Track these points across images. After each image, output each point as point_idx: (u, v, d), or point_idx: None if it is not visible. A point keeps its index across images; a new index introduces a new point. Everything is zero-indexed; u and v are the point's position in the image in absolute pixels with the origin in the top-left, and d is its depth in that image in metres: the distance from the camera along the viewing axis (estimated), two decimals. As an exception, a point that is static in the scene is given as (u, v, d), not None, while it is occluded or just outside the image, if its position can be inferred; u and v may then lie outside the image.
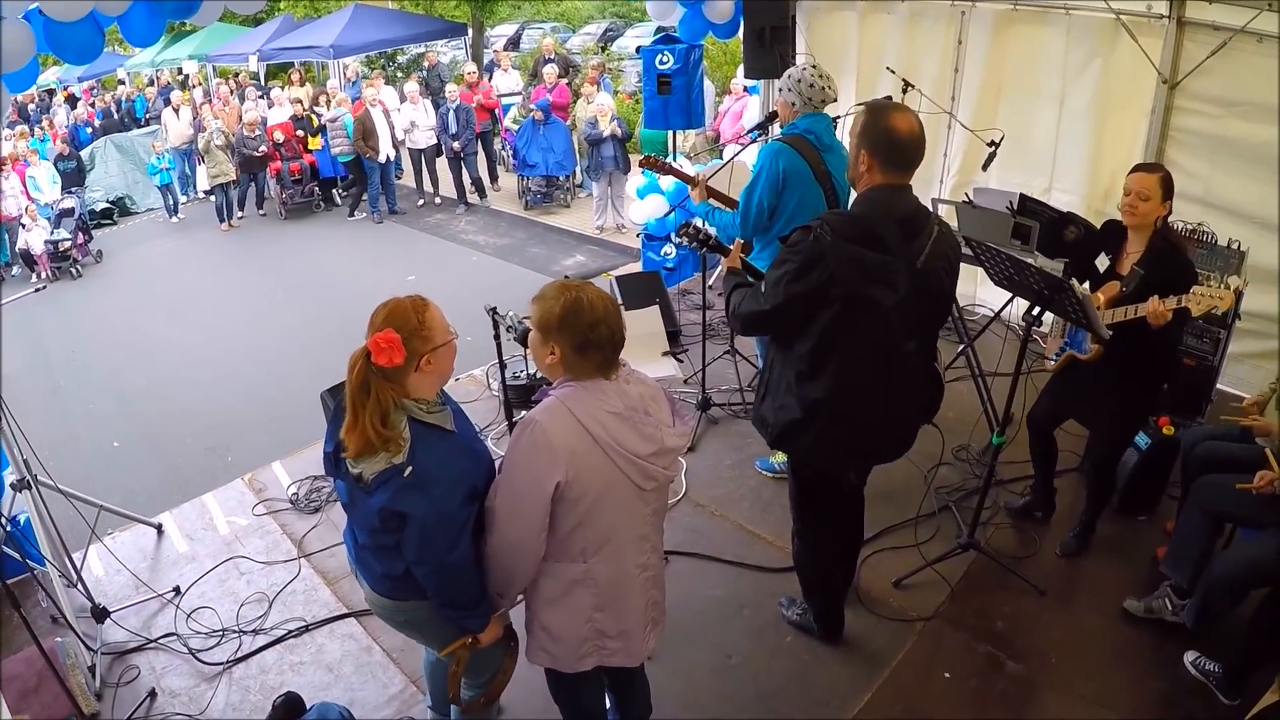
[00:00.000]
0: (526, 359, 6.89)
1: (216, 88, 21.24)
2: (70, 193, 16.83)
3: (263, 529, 6.29)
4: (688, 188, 6.10)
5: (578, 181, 16.71)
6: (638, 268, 10.81)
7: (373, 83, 18.64)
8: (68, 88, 26.38)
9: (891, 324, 3.67)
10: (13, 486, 5.19)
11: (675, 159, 10.66)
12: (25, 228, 15.18)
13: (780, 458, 6.09)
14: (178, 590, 5.67)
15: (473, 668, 3.52)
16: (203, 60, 23.72)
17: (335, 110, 17.01)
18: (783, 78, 5.44)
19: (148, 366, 11.23)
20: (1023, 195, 6.54)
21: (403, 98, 17.21)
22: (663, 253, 10.51)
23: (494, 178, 17.91)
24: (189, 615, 5.43)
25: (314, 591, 5.61)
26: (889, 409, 3.95)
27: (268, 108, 18.35)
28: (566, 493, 3.00)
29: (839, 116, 5.49)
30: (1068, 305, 4.45)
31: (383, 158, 16.33)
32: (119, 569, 5.85)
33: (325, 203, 18.14)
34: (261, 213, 18.04)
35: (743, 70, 9.87)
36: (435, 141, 16.71)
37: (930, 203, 7.30)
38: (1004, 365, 6.56)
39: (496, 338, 5.26)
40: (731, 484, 6.39)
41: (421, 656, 4.30)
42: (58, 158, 17.71)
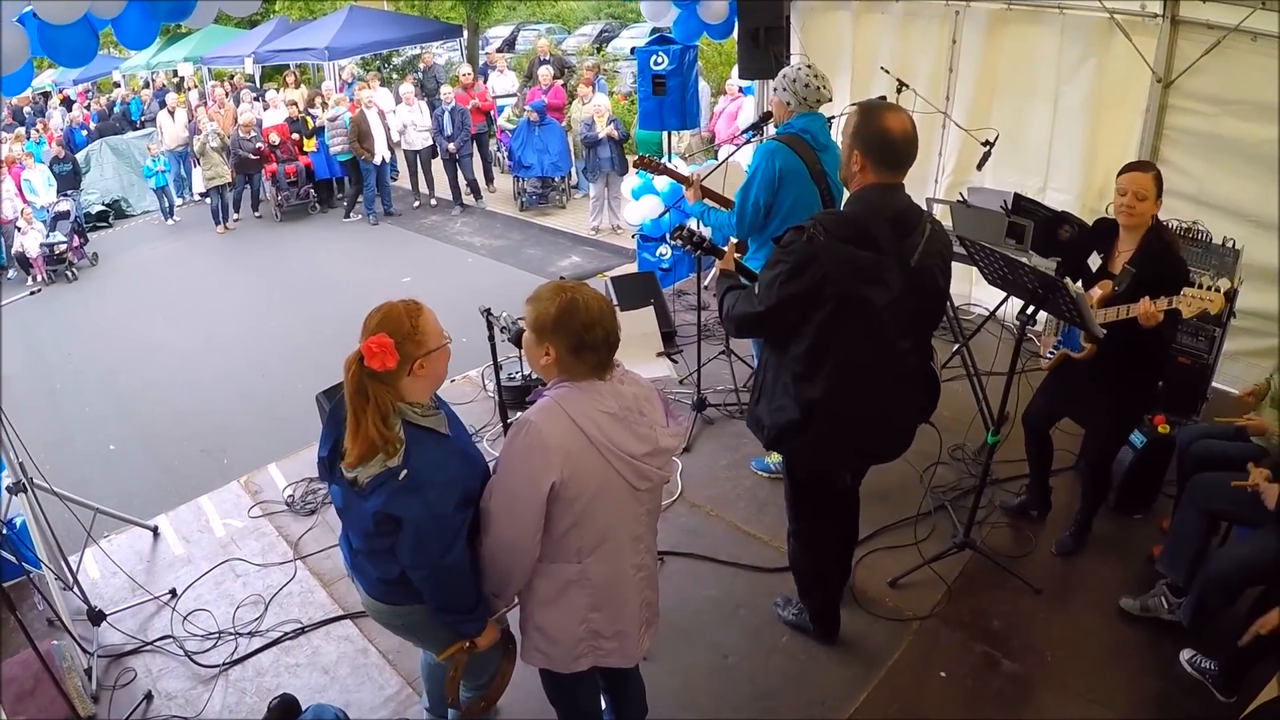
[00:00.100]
0: (521, 360, 6.89)
1: (212, 90, 21.22)
2: (66, 195, 16.80)
3: (259, 531, 6.28)
4: (682, 188, 6.10)
5: (573, 183, 16.71)
6: (633, 269, 10.79)
7: (368, 84, 18.63)
8: (63, 90, 26.32)
9: (886, 323, 3.67)
10: (8, 489, 5.18)
11: (670, 159, 10.66)
12: (21, 231, 15.13)
13: (776, 458, 6.09)
14: (174, 593, 5.66)
15: (470, 670, 3.52)
16: (198, 62, 23.68)
17: (335, 109, 17.00)
18: (778, 77, 5.43)
19: (143, 369, 11.21)
20: (1017, 194, 6.56)
21: (398, 99, 17.19)
22: (658, 253, 10.50)
23: (489, 179, 17.87)
24: (185, 618, 5.42)
25: (310, 593, 5.61)
26: (886, 409, 3.95)
27: (263, 110, 18.31)
28: (562, 493, 3.00)
29: (834, 116, 5.50)
30: (1062, 304, 4.45)
31: (378, 159, 16.32)
32: (115, 572, 5.85)
33: (321, 204, 18.11)
34: (257, 215, 18.02)
35: (737, 71, 9.86)
36: (430, 143, 16.66)
37: (925, 202, 7.31)
38: (999, 364, 6.57)
39: (491, 339, 5.26)
40: (727, 484, 6.39)
41: (418, 658, 4.30)
42: (53, 160, 17.66)
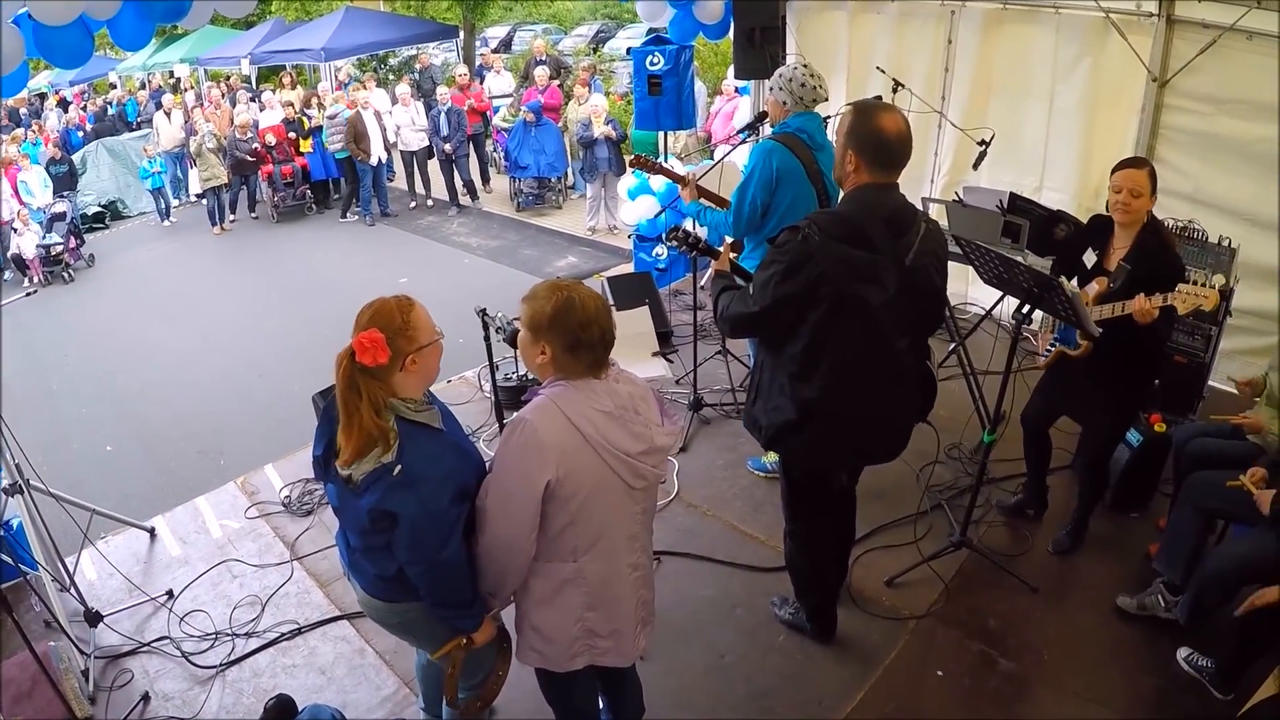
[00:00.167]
0: (517, 361, 6.89)
1: (208, 91, 21.21)
2: (62, 197, 16.74)
3: (255, 532, 6.28)
4: (678, 188, 6.10)
5: (569, 183, 16.71)
6: (630, 269, 10.80)
7: (363, 85, 18.63)
8: (59, 91, 26.30)
9: (881, 322, 3.68)
10: (4, 491, 5.17)
11: (666, 160, 10.65)
12: (17, 232, 15.11)
13: (772, 457, 6.09)
14: (170, 594, 5.66)
15: (465, 670, 3.51)
16: (194, 63, 23.68)
17: (334, 106, 17.01)
18: (774, 77, 5.45)
19: (140, 370, 11.19)
20: (1013, 194, 6.57)
21: (394, 100, 17.18)
22: (654, 254, 10.50)
23: (485, 180, 17.87)
24: (182, 618, 5.42)
25: (306, 594, 5.61)
26: (882, 408, 3.96)
27: (259, 111, 18.31)
28: (557, 491, 3.00)
29: (829, 116, 5.50)
30: (1057, 303, 4.45)
31: (374, 160, 16.29)
32: (112, 573, 5.85)
33: (317, 205, 18.08)
34: (253, 216, 18.00)
35: (733, 71, 9.86)
36: (427, 144, 16.68)
37: (920, 202, 7.32)
38: (995, 364, 6.57)
39: (486, 339, 5.26)
40: (724, 484, 6.39)
41: (414, 659, 4.30)
42: (49, 162, 17.63)
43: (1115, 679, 4.60)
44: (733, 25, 8.63)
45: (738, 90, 13.43)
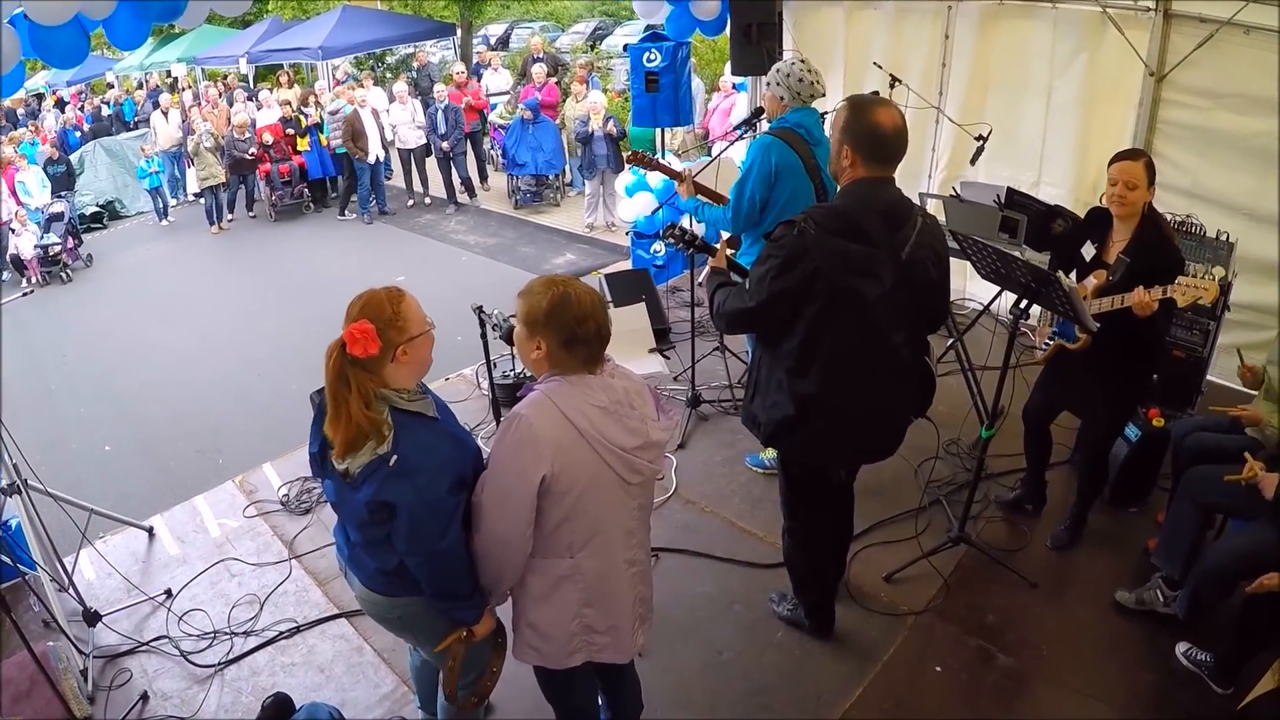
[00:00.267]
0: (515, 358, 6.88)
1: (205, 90, 21.20)
2: (60, 197, 16.74)
3: (254, 531, 6.28)
4: (676, 185, 6.09)
5: (567, 180, 16.70)
6: (628, 266, 10.79)
7: (361, 83, 18.62)
8: (56, 92, 26.30)
9: (878, 317, 3.68)
10: (3, 491, 5.17)
11: (664, 156, 10.65)
12: (15, 232, 15.11)
13: (770, 454, 6.09)
14: (169, 593, 5.65)
15: (462, 664, 3.51)
16: (191, 63, 23.68)
17: (336, 102, 17.04)
18: (771, 72, 5.44)
19: (138, 370, 11.19)
20: (1010, 189, 6.56)
21: (391, 98, 17.17)
22: (652, 250, 10.49)
23: (483, 177, 17.86)
24: (180, 618, 5.42)
25: (305, 592, 5.60)
26: (880, 403, 3.96)
27: (256, 110, 18.30)
28: (552, 486, 3.00)
29: (826, 112, 5.50)
30: (1055, 298, 4.45)
31: (372, 158, 16.28)
32: (110, 572, 5.84)
33: (315, 204, 18.08)
34: (251, 215, 17.99)
35: (730, 67, 9.85)
36: (424, 142, 16.67)
37: (918, 197, 7.32)
38: (993, 359, 6.53)
39: (483, 337, 5.25)
40: (722, 480, 6.39)
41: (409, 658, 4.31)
42: (47, 162, 17.62)
43: (1114, 674, 4.60)
44: (729, 21, 8.63)
45: (735, 87, 13.43)
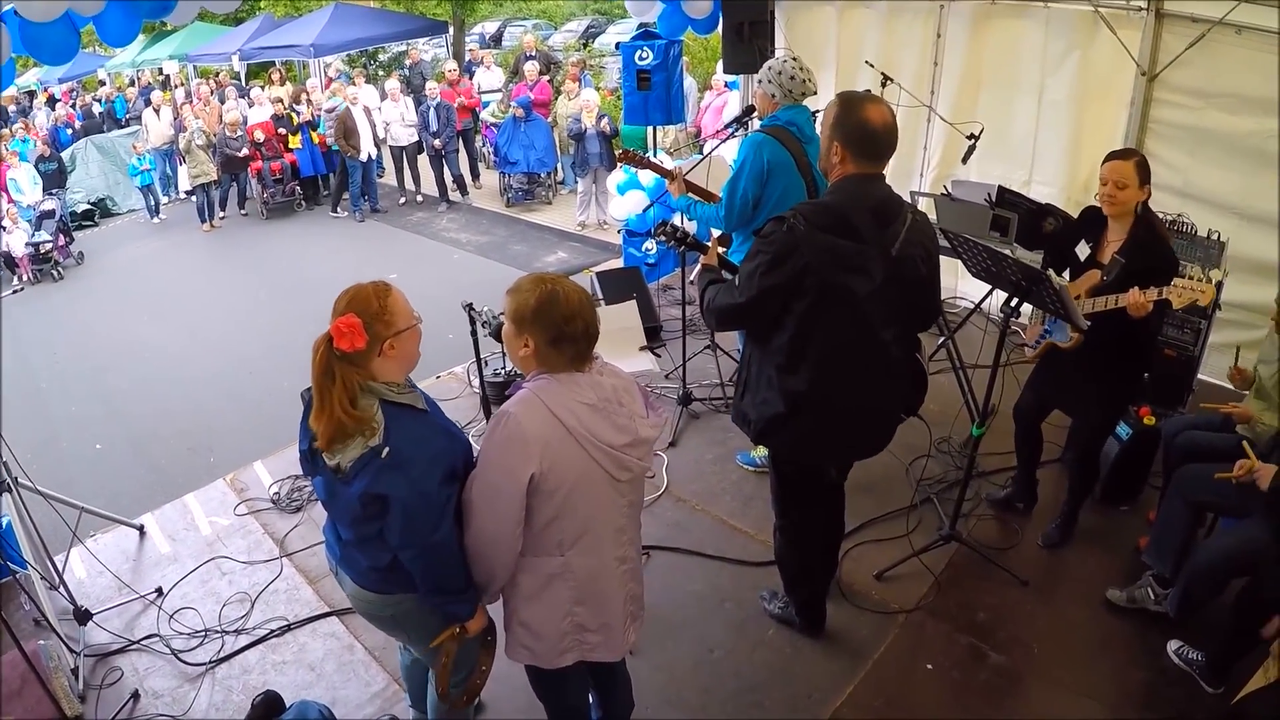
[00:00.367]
0: (505, 356, 6.87)
1: (197, 88, 21.16)
2: (51, 194, 16.74)
3: (244, 529, 6.26)
4: (666, 183, 6.09)
5: (559, 178, 16.70)
6: (619, 264, 10.79)
7: (354, 81, 18.60)
8: (48, 89, 26.24)
9: (868, 313, 3.68)
10: (-7, 489, 5.18)
11: (656, 154, 10.65)
12: (6, 230, 15.06)
13: (761, 452, 6.08)
14: (160, 591, 5.64)
15: (455, 662, 3.51)
16: (183, 60, 23.61)
17: (333, 99, 17.05)
18: (762, 70, 5.44)
19: (130, 368, 11.18)
20: (1001, 187, 6.55)
21: (383, 96, 17.16)
22: (644, 249, 10.50)
23: (475, 175, 17.88)
24: (171, 616, 5.41)
25: (296, 591, 5.59)
26: (870, 400, 3.95)
27: (248, 107, 18.27)
28: (541, 484, 3.00)
29: (817, 111, 5.50)
30: (1045, 296, 4.45)
31: (364, 156, 16.27)
32: (101, 571, 5.83)
33: (306, 201, 18.09)
34: (243, 212, 17.97)
35: (722, 66, 9.85)
36: (416, 139, 16.66)
37: (909, 196, 7.33)
38: (984, 357, 6.55)
39: (473, 334, 5.24)
40: (713, 478, 6.39)
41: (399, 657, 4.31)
42: (38, 159, 17.60)
43: (1105, 672, 4.60)
44: (721, 20, 8.63)
45: (727, 85, 13.44)
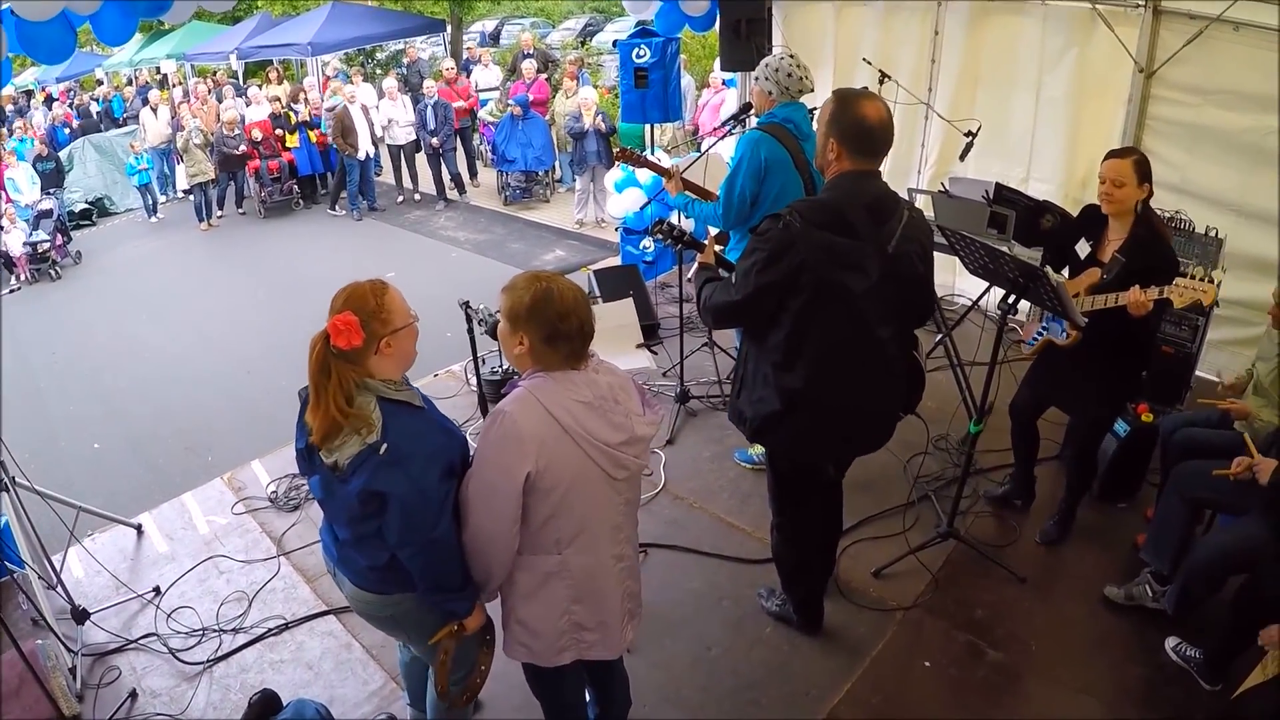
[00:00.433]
0: (502, 354, 6.88)
1: (194, 87, 21.14)
2: (49, 194, 16.72)
3: (242, 528, 6.26)
4: (664, 181, 6.08)
5: (557, 176, 16.69)
6: (617, 262, 10.78)
7: (350, 79, 18.60)
8: (45, 88, 26.23)
9: (864, 310, 3.68)
10: (-10, 489, 5.17)
11: (653, 152, 10.64)
12: (4, 229, 15.01)
13: (759, 449, 6.08)
14: (158, 590, 5.64)
15: (453, 660, 3.50)
16: (181, 59, 23.59)
17: (333, 98, 17.06)
18: (760, 67, 5.43)
19: (128, 367, 11.17)
20: (998, 184, 6.55)
21: (381, 94, 17.14)
22: (641, 246, 10.49)
23: (473, 173, 17.85)
24: (169, 615, 5.40)
25: (293, 589, 5.59)
26: (866, 397, 3.94)
27: (245, 106, 18.26)
28: (538, 483, 3.00)
29: (814, 108, 5.49)
30: (1043, 293, 4.45)
31: (362, 154, 16.25)
32: (99, 570, 5.82)
33: (304, 200, 18.06)
34: (241, 211, 17.96)
35: (719, 63, 9.85)
36: (414, 138, 16.63)
37: (907, 193, 7.32)
38: (982, 354, 6.53)
39: (470, 332, 5.24)
40: (710, 476, 6.39)
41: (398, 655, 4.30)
42: (36, 158, 17.55)
43: (1103, 669, 4.60)
44: (719, 17, 8.62)
45: (725, 83, 13.42)
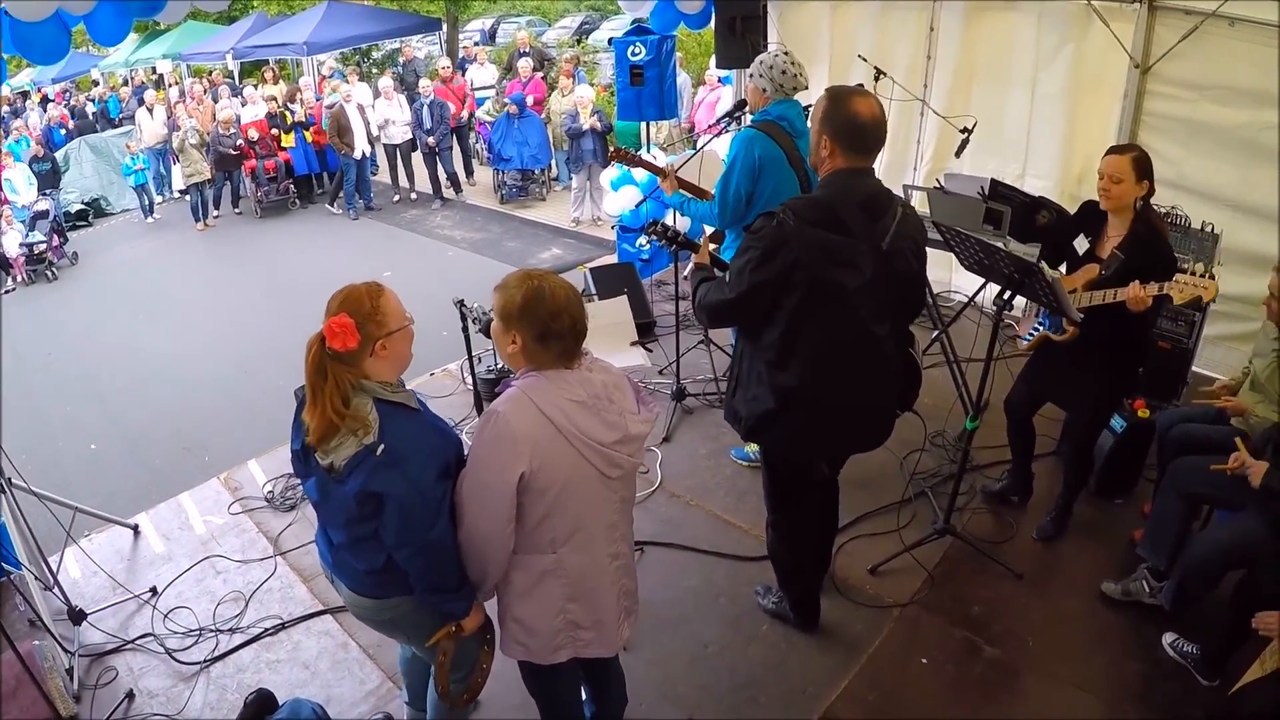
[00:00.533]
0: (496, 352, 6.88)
1: (190, 87, 21.12)
2: (45, 195, 16.70)
3: (239, 527, 6.25)
4: (658, 180, 6.06)
5: (553, 175, 16.66)
6: (614, 259, 10.77)
7: (346, 79, 18.59)
8: (41, 89, 26.21)
9: (858, 307, 3.67)
10: (-13, 490, 5.17)
11: (649, 150, 10.63)
12: (1, 231, 15.02)
13: (755, 447, 6.07)
14: (154, 590, 5.63)
15: (453, 660, 3.50)
16: (177, 59, 23.58)
17: (332, 96, 17.08)
18: (754, 64, 5.43)
19: (124, 368, 11.16)
20: (994, 180, 6.54)
21: (377, 93, 17.13)
22: (638, 244, 10.47)
23: (469, 172, 17.88)
24: (166, 615, 5.40)
25: (290, 589, 5.59)
26: (862, 396, 3.94)
27: (241, 105, 18.25)
28: (532, 483, 2.99)
29: (809, 106, 5.49)
30: (1038, 289, 4.45)
31: (358, 154, 16.26)
32: (95, 571, 5.82)
33: (300, 200, 18.03)
34: (237, 211, 17.94)
35: (714, 60, 9.84)
36: (410, 137, 16.62)
37: (902, 189, 7.31)
38: (978, 351, 6.55)
39: (465, 330, 5.24)
40: (707, 474, 6.39)
41: (398, 653, 4.29)
42: (32, 159, 17.53)
43: (1100, 665, 4.60)
44: (714, 15, 8.62)
45: (721, 80, 13.41)
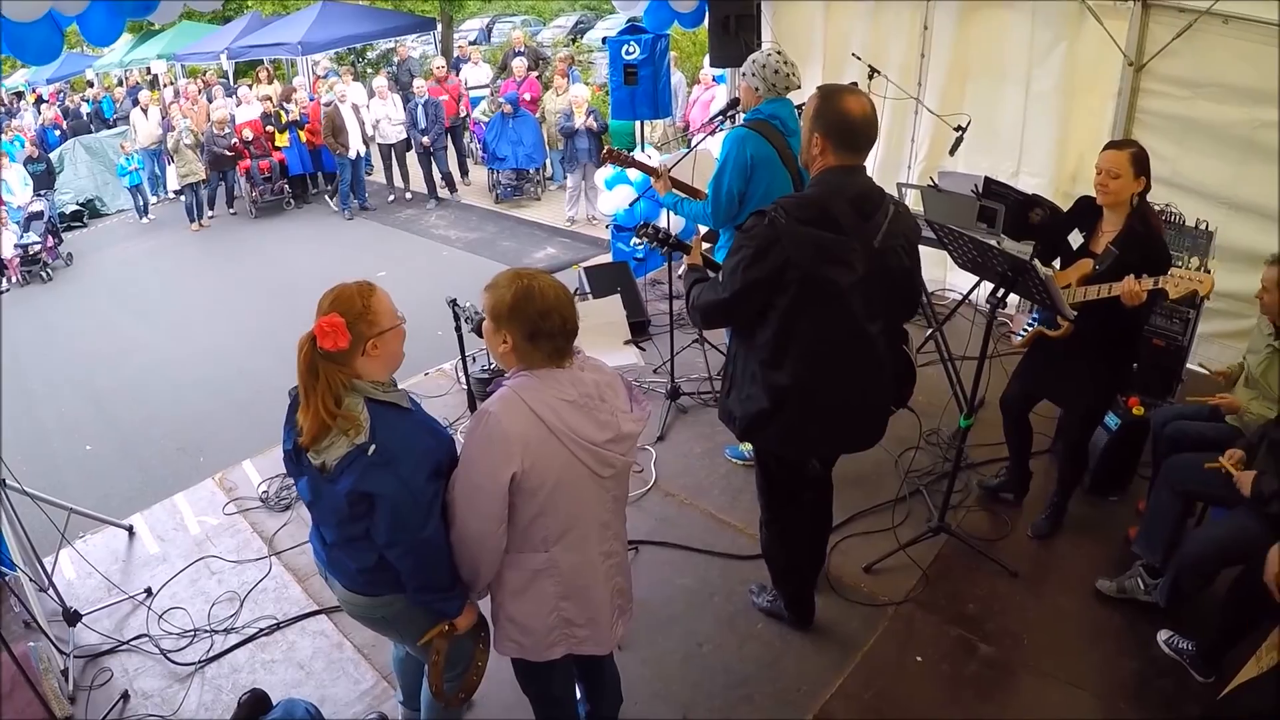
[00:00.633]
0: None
1: (184, 87, 21.11)
2: (39, 195, 16.64)
3: (233, 528, 6.26)
4: (652, 180, 6.06)
5: (548, 174, 16.63)
6: (608, 259, 10.77)
7: (341, 78, 18.59)
8: (35, 90, 26.19)
9: (851, 305, 3.67)
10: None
11: (643, 149, 10.62)
12: (-5, 231, 15.00)
13: (749, 446, 6.07)
14: (149, 591, 5.64)
15: (447, 660, 3.50)
16: (171, 59, 23.57)
17: (329, 95, 17.07)
18: (747, 62, 5.41)
19: (119, 368, 11.11)
20: (987, 178, 6.55)
21: (371, 93, 17.12)
22: (632, 243, 10.46)
23: (464, 172, 17.85)
24: (161, 616, 5.40)
25: (284, 589, 5.59)
26: (855, 394, 3.93)
27: (235, 105, 18.23)
28: (523, 483, 2.99)
29: (801, 104, 5.48)
30: (1031, 286, 4.45)
31: (352, 154, 16.22)
32: (90, 572, 5.81)
33: (295, 200, 17.99)
34: (232, 211, 17.90)
35: (708, 59, 9.84)
36: (404, 136, 16.60)
37: (896, 188, 7.32)
38: (973, 348, 6.55)
39: (458, 330, 5.24)
40: (701, 472, 6.40)
41: (391, 652, 4.30)
42: (26, 160, 17.50)
43: (1095, 662, 4.61)
44: (708, 14, 8.62)
45: (715, 79, 13.41)
